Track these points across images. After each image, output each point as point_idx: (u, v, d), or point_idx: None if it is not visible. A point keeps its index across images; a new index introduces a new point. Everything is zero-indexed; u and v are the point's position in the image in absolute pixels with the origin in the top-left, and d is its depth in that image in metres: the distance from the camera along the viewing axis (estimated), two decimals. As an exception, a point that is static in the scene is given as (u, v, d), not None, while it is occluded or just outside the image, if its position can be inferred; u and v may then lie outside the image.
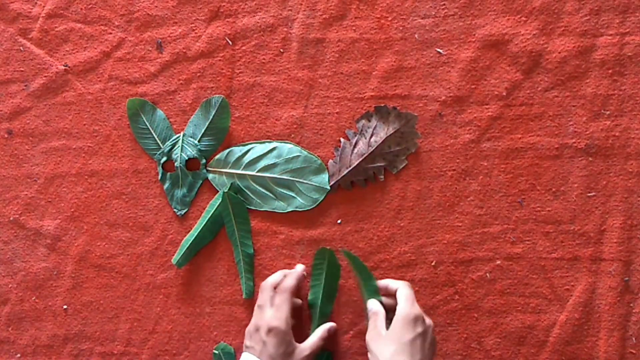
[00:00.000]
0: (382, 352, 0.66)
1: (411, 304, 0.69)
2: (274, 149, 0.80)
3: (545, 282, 0.77)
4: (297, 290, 0.77)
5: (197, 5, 0.82)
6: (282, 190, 0.80)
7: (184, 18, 0.83)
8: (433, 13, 0.78)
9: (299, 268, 0.78)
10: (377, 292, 0.73)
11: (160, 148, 0.82)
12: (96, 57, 0.84)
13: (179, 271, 0.82)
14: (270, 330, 0.70)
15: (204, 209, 0.82)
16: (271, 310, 0.71)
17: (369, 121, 0.79)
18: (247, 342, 0.72)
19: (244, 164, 0.81)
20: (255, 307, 0.74)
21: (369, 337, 0.69)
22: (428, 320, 0.68)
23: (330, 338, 0.77)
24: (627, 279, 0.76)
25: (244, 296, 0.80)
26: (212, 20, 0.82)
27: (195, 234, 0.81)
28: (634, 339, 0.75)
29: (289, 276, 0.75)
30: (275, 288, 0.74)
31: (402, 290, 0.70)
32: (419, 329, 0.66)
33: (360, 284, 0.75)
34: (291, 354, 0.71)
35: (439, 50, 0.78)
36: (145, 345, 0.83)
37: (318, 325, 0.77)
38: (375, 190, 0.79)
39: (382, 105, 0.79)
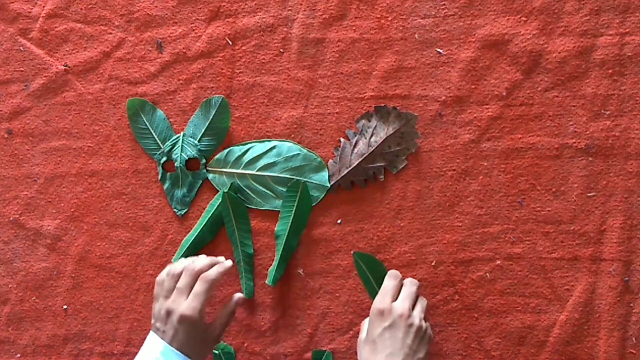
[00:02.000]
0: (362, 355, 0.69)
1: (380, 299, 0.69)
2: (273, 147, 0.80)
3: (545, 282, 0.77)
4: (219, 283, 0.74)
5: (197, 5, 0.82)
6: (282, 189, 0.80)
7: (184, 18, 0.83)
8: (433, 13, 0.78)
9: (228, 263, 0.73)
10: None
11: (160, 148, 0.83)
12: (96, 57, 0.84)
13: (179, 271, 0.82)
14: (183, 319, 0.68)
15: (204, 209, 0.82)
16: (187, 299, 0.69)
17: (369, 121, 0.79)
18: (157, 323, 0.70)
19: (243, 163, 0.81)
20: (175, 289, 0.70)
21: (357, 343, 0.71)
22: (400, 310, 0.67)
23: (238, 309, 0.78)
24: (627, 279, 0.76)
25: (244, 296, 0.80)
26: (212, 20, 0.82)
27: (195, 234, 0.81)
28: (634, 339, 0.75)
29: (216, 267, 0.72)
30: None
31: (384, 283, 0.72)
32: (385, 323, 0.67)
33: (370, 286, 0.77)
34: (203, 339, 0.70)
35: (439, 50, 0.78)
36: (145, 345, 0.83)
37: (281, 258, 0.78)
38: (375, 190, 0.79)
39: (382, 105, 0.79)
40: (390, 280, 0.72)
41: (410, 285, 0.71)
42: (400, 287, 0.72)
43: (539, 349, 0.77)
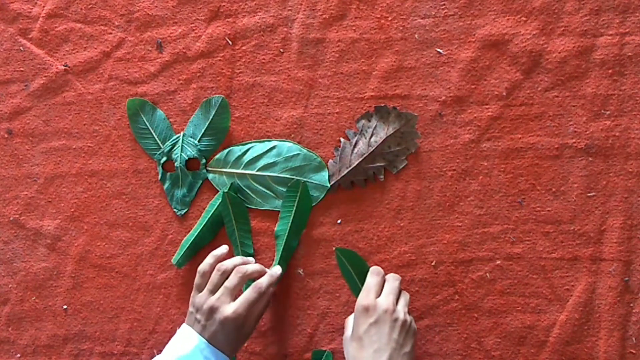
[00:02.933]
0: (349, 352, 0.68)
1: (364, 296, 0.69)
2: (273, 147, 0.80)
3: (545, 282, 0.77)
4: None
5: (197, 5, 0.82)
6: (282, 189, 0.80)
7: (184, 18, 0.83)
8: (433, 13, 0.78)
9: (277, 272, 0.76)
10: None
11: (160, 148, 0.83)
12: (96, 57, 0.84)
13: (179, 271, 0.82)
14: (226, 321, 0.69)
15: (204, 209, 0.82)
16: (235, 303, 0.70)
17: (369, 121, 0.79)
18: (197, 315, 0.71)
19: (243, 163, 0.81)
20: (223, 287, 0.71)
21: (343, 340, 0.72)
22: (385, 306, 0.67)
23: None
24: (627, 279, 0.76)
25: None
26: (212, 20, 0.82)
27: (195, 234, 0.81)
28: (634, 339, 0.75)
29: (268, 276, 0.74)
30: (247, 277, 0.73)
31: (367, 279, 0.71)
32: (371, 319, 0.67)
33: (352, 282, 0.77)
34: (239, 337, 0.71)
35: (439, 50, 0.78)
36: (145, 345, 0.83)
37: (282, 258, 0.79)
38: (375, 190, 0.79)
39: (382, 105, 0.79)
40: (373, 277, 0.71)
41: (393, 281, 0.71)
42: (382, 283, 0.72)
43: (539, 349, 0.77)
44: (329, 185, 0.79)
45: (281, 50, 0.81)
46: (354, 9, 0.80)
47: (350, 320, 0.72)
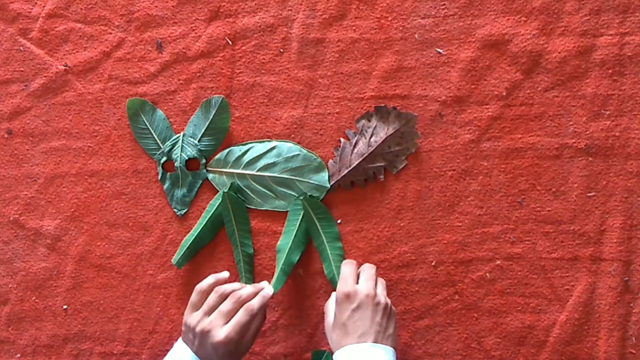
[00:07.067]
0: (333, 340, 0.69)
1: (344, 284, 0.70)
2: (273, 148, 0.80)
3: (545, 282, 0.77)
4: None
5: (197, 5, 0.82)
6: (282, 189, 0.80)
7: (184, 18, 0.83)
8: (433, 13, 0.78)
9: (269, 292, 0.72)
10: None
11: (160, 148, 0.83)
12: (96, 57, 0.84)
13: (179, 271, 0.82)
14: (218, 346, 0.67)
15: (204, 209, 0.82)
16: (227, 327, 0.68)
17: (369, 121, 0.79)
18: (190, 335, 0.70)
19: (243, 164, 0.81)
20: (218, 310, 0.70)
21: (325, 328, 0.72)
22: (366, 291, 0.68)
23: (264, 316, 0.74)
24: (627, 279, 0.76)
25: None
26: (212, 20, 0.82)
27: (195, 234, 0.81)
28: (634, 339, 0.75)
29: (259, 297, 0.71)
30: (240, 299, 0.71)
31: (342, 269, 0.72)
32: (353, 305, 0.67)
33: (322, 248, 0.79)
34: (234, 356, 0.70)
35: (439, 50, 0.78)
36: (145, 345, 0.83)
37: (282, 271, 0.78)
38: (375, 190, 0.79)
39: (382, 105, 0.79)
40: (347, 266, 0.72)
41: (369, 269, 0.72)
42: (357, 272, 0.72)
43: (539, 349, 0.77)
44: (329, 186, 0.79)
45: (281, 50, 0.81)
46: (354, 9, 0.80)
47: (329, 307, 0.72)
